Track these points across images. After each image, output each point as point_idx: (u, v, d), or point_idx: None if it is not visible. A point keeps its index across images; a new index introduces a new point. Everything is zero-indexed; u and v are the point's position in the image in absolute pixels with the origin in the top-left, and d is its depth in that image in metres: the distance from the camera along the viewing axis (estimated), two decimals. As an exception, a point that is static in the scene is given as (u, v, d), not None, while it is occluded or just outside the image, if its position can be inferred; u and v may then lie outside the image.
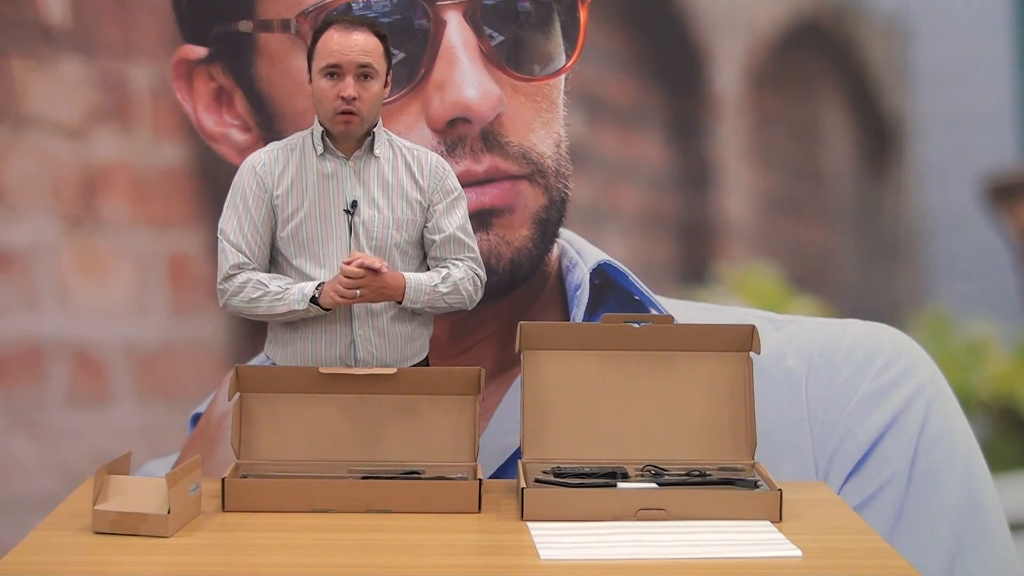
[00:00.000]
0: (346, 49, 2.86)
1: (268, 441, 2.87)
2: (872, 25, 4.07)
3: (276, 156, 2.98)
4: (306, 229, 2.95)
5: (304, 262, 2.95)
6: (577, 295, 3.52)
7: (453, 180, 3.03)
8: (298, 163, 2.97)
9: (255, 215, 2.96)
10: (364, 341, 2.94)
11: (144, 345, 3.69)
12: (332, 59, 2.87)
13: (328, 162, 2.95)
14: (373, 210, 2.94)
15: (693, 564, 2.44)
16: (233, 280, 2.96)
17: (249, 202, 2.97)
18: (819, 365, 3.56)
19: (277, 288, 2.93)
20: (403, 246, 2.97)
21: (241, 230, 2.97)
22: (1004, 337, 4.06)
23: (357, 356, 2.95)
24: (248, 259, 2.96)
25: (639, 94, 3.88)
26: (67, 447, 3.66)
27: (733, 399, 2.91)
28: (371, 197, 2.95)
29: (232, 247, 2.96)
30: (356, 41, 2.87)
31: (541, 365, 2.91)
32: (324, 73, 2.88)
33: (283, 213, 2.96)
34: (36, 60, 3.60)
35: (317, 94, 2.91)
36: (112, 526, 2.54)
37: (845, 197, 4.05)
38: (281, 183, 2.96)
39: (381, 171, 2.96)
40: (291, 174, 2.96)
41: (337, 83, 2.87)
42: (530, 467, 2.82)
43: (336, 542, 2.54)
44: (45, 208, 3.62)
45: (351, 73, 2.87)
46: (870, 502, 3.46)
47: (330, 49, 2.87)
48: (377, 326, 2.95)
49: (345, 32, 2.88)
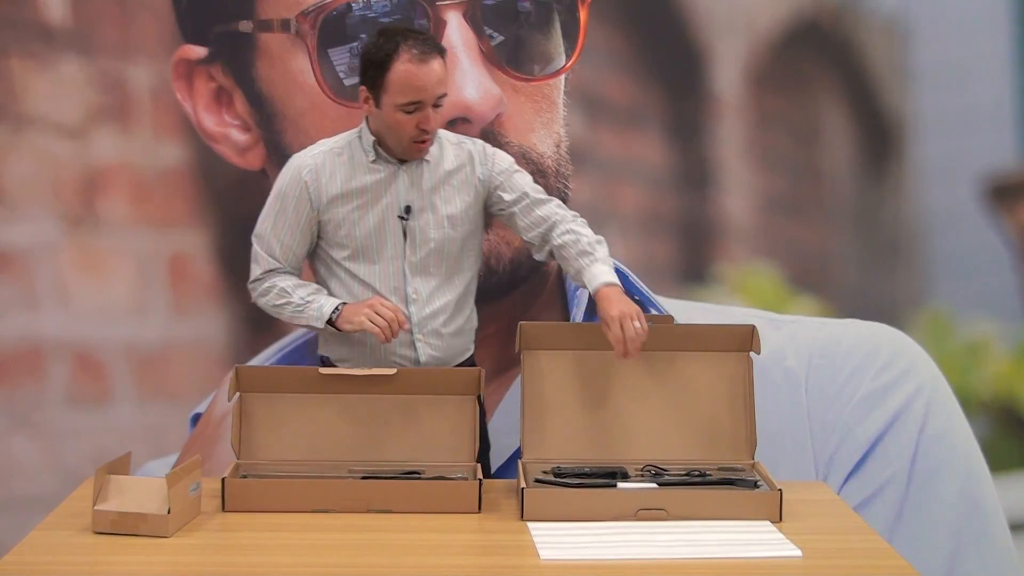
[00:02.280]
0: (427, 84, 2.78)
1: (268, 441, 2.87)
2: (872, 25, 4.07)
3: (323, 162, 2.91)
4: (359, 235, 2.90)
5: (357, 267, 2.92)
6: (577, 295, 3.52)
7: (503, 159, 2.98)
8: (347, 170, 2.90)
9: (293, 221, 2.91)
10: (424, 346, 2.94)
11: (144, 345, 3.69)
12: (415, 96, 2.78)
13: (380, 167, 2.90)
14: (428, 213, 2.91)
15: (693, 564, 2.44)
16: (261, 283, 2.95)
17: (289, 208, 2.91)
18: (819, 365, 3.56)
19: (299, 300, 2.91)
20: (461, 241, 2.94)
21: (276, 235, 2.93)
22: (1004, 337, 4.06)
23: (419, 360, 2.94)
24: (280, 264, 2.94)
25: (639, 94, 3.88)
26: (67, 447, 3.66)
27: (733, 399, 2.91)
28: (426, 200, 2.91)
29: (264, 253, 2.94)
30: (434, 72, 2.78)
31: (541, 365, 2.90)
32: (402, 108, 2.79)
33: (333, 221, 2.91)
34: (36, 60, 3.60)
35: (392, 124, 2.82)
36: (112, 526, 2.54)
37: (845, 197, 4.06)
38: (328, 191, 2.89)
39: (433, 172, 2.92)
40: (340, 181, 2.90)
41: (416, 116, 2.79)
42: (530, 467, 2.82)
43: (336, 542, 2.54)
44: (45, 208, 3.62)
45: (431, 105, 2.80)
46: (870, 502, 3.46)
47: (411, 86, 2.77)
48: (435, 328, 2.94)
49: (421, 64, 2.78)
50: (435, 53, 2.80)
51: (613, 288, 2.82)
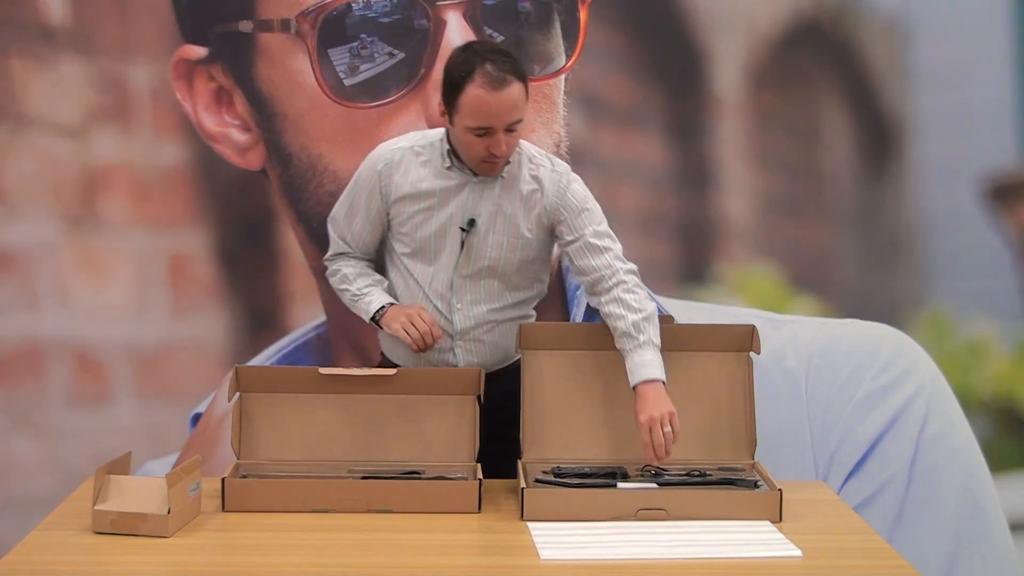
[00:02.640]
0: (498, 111, 2.72)
1: (268, 441, 2.87)
2: (872, 25, 4.07)
3: (401, 158, 2.89)
4: (421, 236, 2.89)
5: (415, 265, 2.91)
6: (577, 295, 3.52)
7: (576, 195, 2.88)
8: (421, 171, 2.88)
9: (364, 211, 2.92)
10: (464, 352, 2.93)
11: (144, 345, 3.69)
12: (485, 123, 2.73)
13: (455, 176, 2.87)
14: (490, 231, 2.87)
15: (693, 564, 2.44)
16: (332, 263, 2.99)
17: (362, 198, 2.92)
18: (819, 365, 3.56)
19: (356, 290, 2.93)
20: (518, 264, 2.90)
21: (348, 221, 2.94)
22: (1004, 337, 4.07)
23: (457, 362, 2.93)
24: (349, 248, 2.97)
25: (639, 94, 3.88)
26: (67, 447, 3.66)
27: (733, 399, 2.91)
28: (491, 217, 2.87)
29: (336, 236, 2.97)
30: (506, 100, 2.72)
31: (541, 365, 2.90)
32: (473, 131, 2.75)
33: (399, 216, 2.90)
34: (36, 60, 3.60)
35: (463, 142, 2.79)
36: (112, 526, 2.54)
37: (845, 197, 4.06)
38: (402, 186, 2.88)
39: (504, 190, 2.87)
40: (412, 180, 2.88)
41: (486, 139, 2.75)
42: (530, 467, 2.82)
43: (336, 542, 2.54)
44: (45, 208, 3.62)
45: (502, 130, 2.75)
46: (870, 502, 3.46)
47: (481, 112, 2.72)
48: (478, 335, 2.94)
49: (494, 91, 2.71)
50: (512, 78, 2.72)
51: (649, 386, 2.75)
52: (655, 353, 2.78)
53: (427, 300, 2.90)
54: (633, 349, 2.78)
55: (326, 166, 3.47)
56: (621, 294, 2.83)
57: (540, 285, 2.99)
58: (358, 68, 3.45)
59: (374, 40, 3.45)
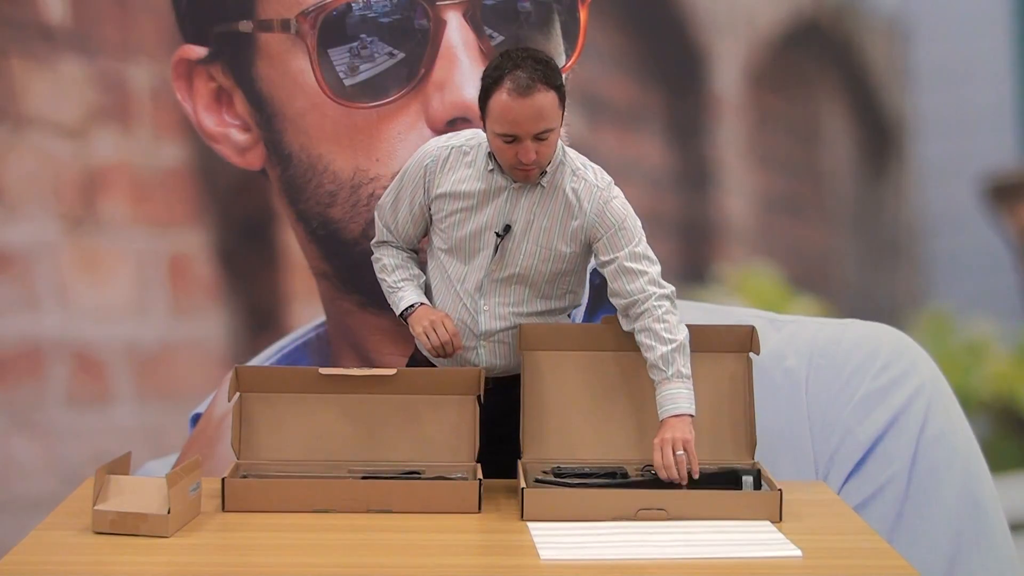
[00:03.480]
0: (522, 119, 2.72)
1: (268, 441, 2.87)
2: (872, 25, 4.07)
3: (448, 156, 2.90)
4: (457, 235, 2.89)
5: (450, 262, 2.92)
6: (577, 295, 3.52)
7: (615, 212, 2.86)
8: (465, 171, 2.89)
9: (408, 203, 2.95)
10: (488, 353, 2.94)
11: (144, 345, 3.69)
12: (510, 130, 2.73)
13: (496, 179, 2.86)
14: (525, 239, 2.87)
15: (693, 564, 2.44)
16: (377, 250, 3.02)
17: (407, 190, 2.94)
18: (819, 365, 3.56)
19: (392, 283, 2.96)
20: (549, 275, 2.90)
21: (393, 211, 2.97)
22: (1004, 337, 4.06)
23: (480, 361, 2.93)
24: (393, 237, 2.99)
25: (639, 94, 3.88)
26: (67, 447, 3.66)
27: (733, 399, 2.91)
28: (527, 225, 2.87)
29: (381, 224, 3.00)
30: (532, 108, 2.71)
31: (541, 365, 2.91)
32: (501, 137, 2.75)
33: (439, 211, 2.91)
34: (36, 60, 3.60)
35: (494, 145, 2.79)
36: (112, 526, 2.54)
37: (845, 197, 4.06)
38: (443, 184, 2.89)
39: (543, 199, 2.86)
40: (455, 179, 2.89)
41: (515, 146, 2.75)
42: (530, 467, 2.82)
43: (336, 542, 2.54)
44: (45, 208, 3.62)
45: (528, 139, 2.74)
46: (870, 502, 3.46)
47: (507, 118, 2.72)
48: (502, 338, 2.94)
49: (519, 99, 2.71)
50: (541, 86, 2.72)
51: (676, 419, 2.76)
52: (684, 385, 2.78)
53: (457, 297, 2.91)
54: (662, 382, 2.79)
55: (326, 166, 3.47)
56: (652, 324, 2.81)
57: (573, 296, 2.98)
58: (358, 68, 3.45)
59: (374, 40, 3.44)
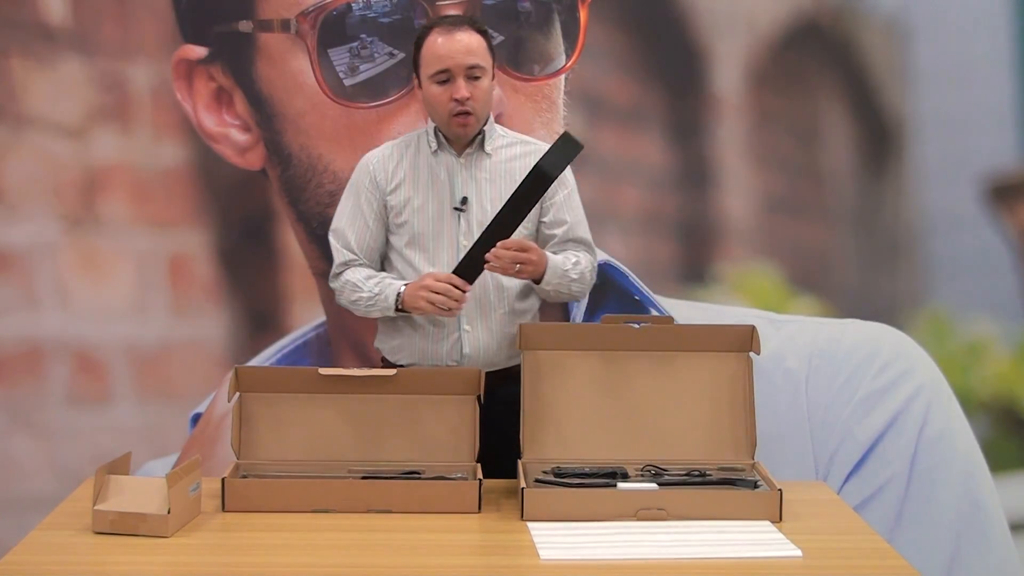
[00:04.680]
0: (453, 52, 2.86)
1: (268, 441, 2.87)
2: (872, 25, 4.07)
3: (390, 152, 2.99)
4: (417, 224, 2.94)
5: (415, 256, 2.94)
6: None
7: (569, 172, 2.99)
8: (412, 159, 2.97)
9: (366, 212, 2.97)
10: (471, 338, 2.95)
11: (144, 345, 3.69)
12: (441, 64, 2.86)
13: (441, 159, 2.95)
14: (485, 206, 2.93)
15: (693, 564, 2.44)
16: (338, 279, 2.99)
17: (362, 199, 2.98)
18: (819, 365, 3.56)
19: (369, 292, 2.93)
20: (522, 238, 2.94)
21: (351, 225, 2.98)
22: (1004, 337, 4.06)
23: (463, 352, 2.95)
24: (356, 256, 2.98)
25: (639, 94, 3.88)
26: (67, 447, 3.66)
27: (733, 399, 2.91)
28: (483, 194, 2.94)
29: (340, 246, 2.98)
30: (461, 42, 2.87)
31: (541, 365, 2.90)
32: (434, 80, 2.87)
33: (395, 208, 2.95)
34: (36, 60, 3.60)
35: (429, 99, 2.90)
36: (112, 526, 2.54)
37: (845, 197, 4.06)
38: (394, 178, 2.96)
39: (494, 167, 2.95)
40: (404, 170, 2.96)
41: (448, 87, 2.87)
42: (530, 467, 2.82)
43: (336, 542, 2.54)
44: (45, 208, 3.62)
45: (461, 75, 2.86)
46: (870, 502, 3.46)
47: (437, 54, 2.87)
48: (487, 324, 2.95)
49: (448, 35, 2.87)
50: (465, 26, 2.89)
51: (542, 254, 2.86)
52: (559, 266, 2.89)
53: None
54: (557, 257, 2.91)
55: (326, 166, 3.47)
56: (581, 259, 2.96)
57: None
58: (358, 68, 3.45)
59: (374, 40, 3.45)
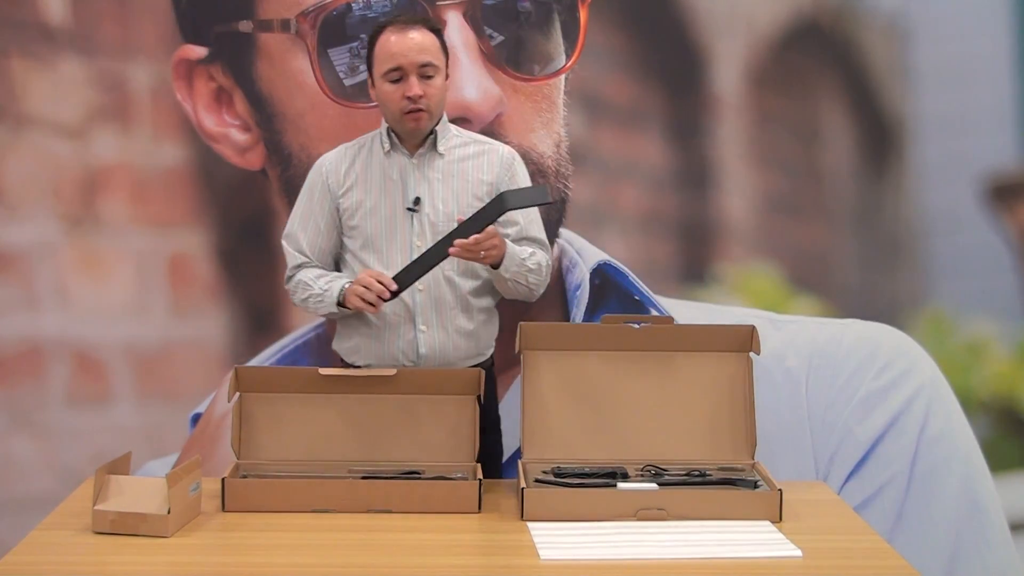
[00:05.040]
0: (406, 50, 2.88)
1: (268, 441, 2.87)
2: (872, 25, 4.07)
3: (343, 154, 3.01)
4: (371, 226, 2.95)
5: (369, 258, 2.95)
6: (577, 295, 3.52)
7: (523, 172, 3.03)
8: (364, 161, 2.98)
9: (318, 214, 2.99)
10: (427, 337, 2.95)
11: (144, 345, 3.69)
12: (394, 62, 2.88)
13: (394, 160, 2.96)
14: (438, 205, 2.95)
15: (693, 564, 2.44)
16: (291, 281, 3.01)
17: (314, 201, 3.00)
18: (819, 365, 3.56)
19: (319, 290, 2.95)
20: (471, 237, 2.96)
21: (303, 229, 3.00)
22: (1004, 337, 4.06)
23: (419, 352, 2.95)
24: (308, 258, 2.99)
25: (639, 94, 3.88)
26: (67, 447, 3.66)
27: (733, 399, 2.91)
28: (436, 194, 2.95)
29: (292, 249, 3.01)
30: (414, 40, 2.88)
31: (541, 365, 2.91)
32: (387, 78, 2.89)
33: (348, 210, 2.97)
34: (36, 60, 3.60)
35: (382, 98, 2.92)
36: (112, 526, 2.54)
37: (845, 197, 4.05)
38: (346, 180, 2.98)
39: (446, 167, 2.96)
40: (356, 171, 2.98)
41: (401, 85, 2.88)
42: (530, 467, 2.82)
43: (336, 542, 2.54)
44: (45, 208, 3.62)
45: (413, 73, 2.88)
46: (870, 502, 3.46)
47: (390, 52, 2.89)
48: (442, 323, 2.96)
49: (401, 33, 2.89)
50: (418, 25, 2.91)
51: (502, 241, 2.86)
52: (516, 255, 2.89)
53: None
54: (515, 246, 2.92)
55: (326, 166, 3.46)
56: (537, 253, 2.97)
57: None
58: (358, 68, 3.45)
59: (374, 40, 3.44)
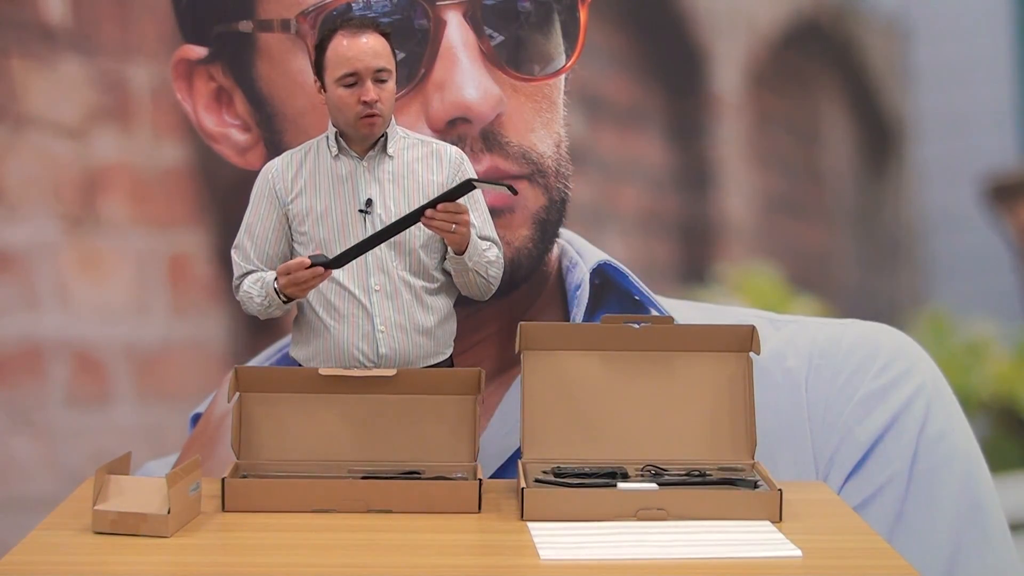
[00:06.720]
0: (361, 55, 2.88)
1: (268, 441, 2.87)
2: (872, 25, 4.07)
3: (289, 161, 3.02)
4: (323, 230, 2.96)
5: None
6: (577, 295, 3.52)
7: (471, 172, 3.05)
8: (312, 166, 2.98)
9: (266, 221, 3.00)
10: (387, 337, 2.95)
11: (144, 345, 3.69)
12: (349, 67, 2.88)
13: (343, 163, 2.97)
14: (389, 207, 2.95)
15: (693, 564, 2.44)
16: (239, 291, 3.02)
17: (261, 209, 3.01)
18: (819, 365, 3.56)
19: (259, 295, 2.95)
20: (424, 237, 2.96)
21: (250, 237, 3.01)
22: (1004, 337, 4.06)
23: (379, 352, 2.95)
24: (253, 266, 3.01)
25: (639, 94, 3.88)
26: (67, 447, 3.66)
27: (733, 399, 2.91)
28: (387, 195, 2.96)
29: (239, 259, 3.02)
30: (368, 45, 2.88)
31: (541, 365, 2.91)
32: (341, 82, 2.89)
33: (298, 216, 2.98)
34: (36, 60, 3.60)
35: (336, 102, 2.91)
36: (112, 526, 2.54)
37: (845, 197, 4.05)
38: (295, 186, 2.98)
39: (396, 168, 2.97)
40: (304, 177, 2.98)
41: (356, 90, 2.88)
42: (530, 467, 2.82)
43: (336, 542, 2.54)
44: (45, 208, 3.62)
45: (369, 78, 2.88)
46: (870, 502, 3.46)
47: (344, 57, 2.88)
48: (399, 321, 2.96)
49: (354, 38, 2.89)
50: (370, 29, 2.90)
51: None
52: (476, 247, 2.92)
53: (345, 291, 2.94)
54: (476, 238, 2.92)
55: (326, 166, 3.46)
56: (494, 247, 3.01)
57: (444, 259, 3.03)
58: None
59: (374, 40, 3.44)
